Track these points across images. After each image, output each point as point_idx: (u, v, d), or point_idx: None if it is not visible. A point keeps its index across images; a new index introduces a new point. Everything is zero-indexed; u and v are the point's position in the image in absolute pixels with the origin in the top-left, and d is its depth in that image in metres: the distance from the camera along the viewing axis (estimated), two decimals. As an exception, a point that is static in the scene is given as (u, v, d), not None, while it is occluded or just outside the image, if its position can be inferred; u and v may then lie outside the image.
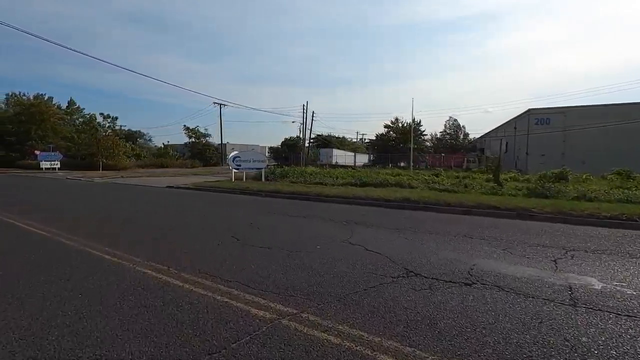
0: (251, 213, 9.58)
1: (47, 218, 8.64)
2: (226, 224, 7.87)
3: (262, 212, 9.84)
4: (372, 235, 6.70)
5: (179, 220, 8.34)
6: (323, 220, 8.41)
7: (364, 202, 11.56)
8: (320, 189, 14.66)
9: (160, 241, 6.18)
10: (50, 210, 10.28)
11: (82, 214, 9.70)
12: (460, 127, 70.92)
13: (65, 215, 9.36)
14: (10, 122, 44.08)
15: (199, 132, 54.43)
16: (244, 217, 8.78)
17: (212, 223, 7.93)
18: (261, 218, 8.67)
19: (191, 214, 9.58)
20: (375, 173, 25.67)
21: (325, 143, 59.44)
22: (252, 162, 20.11)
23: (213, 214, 9.44)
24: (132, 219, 8.79)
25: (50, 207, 11.02)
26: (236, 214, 9.53)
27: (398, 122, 51.63)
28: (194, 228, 7.33)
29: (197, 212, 10.01)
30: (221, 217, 8.84)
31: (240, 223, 7.89)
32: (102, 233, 6.93)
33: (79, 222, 8.25)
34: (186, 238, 6.38)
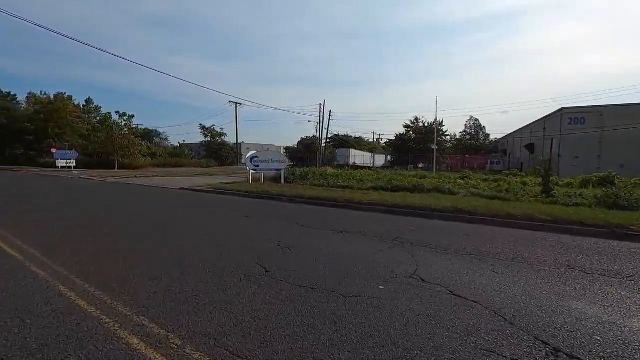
0: (276, 226, 7.91)
1: (25, 233, 7.17)
2: (248, 242, 6.21)
3: (288, 224, 8.16)
4: (445, 266, 4.92)
5: (190, 238, 6.74)
6: (367, 238, 6.67)
7: (406, 212, 9.76)
8: (350, 194, 12.91)
9: (162, 280, 4.56)
10: (38, 221, 8.86)
11: (74, 230, 8.22)
12: (481, 128, 68.03)
13: (49, 234, 7.90)
14: (29, 120, 43.89)
15: (214, 132, 53.41)
16: (268, 233, 7.11)
17: (230, 242, 6.27)
18: (289, 234, 6.98)
19: (205, 226, 7.98)
20: (401, 175, 23.80)
21: (341, 143, 57.61)
22: (270, 163, 18.51)
23: (231, 227, 7.81)
24: (131, 234, 7.25)
25: (38, 217, 9.63)
26: (258, 227, 7.88)
27: (418, 121, 49.31)
28: (209, 250, 5.70)
29: (213, 223, 8.41)
30: (241, 231, 7.19)
31: (264, 242, 6.22)
32: (87, 259, 5.37)
33: (62, 243, 6.73)
34: (199, 268, 4.74)
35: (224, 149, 53.41)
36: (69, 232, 6.95)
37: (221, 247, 5.80)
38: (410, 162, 44.80)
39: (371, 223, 8.28)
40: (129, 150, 38.50)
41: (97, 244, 6.01)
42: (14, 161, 42.35)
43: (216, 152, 52.67)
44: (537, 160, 37.34)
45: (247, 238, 6.51)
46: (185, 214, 9.52)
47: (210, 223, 8.16)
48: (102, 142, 38.89)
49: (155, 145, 51.64)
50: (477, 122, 67.82)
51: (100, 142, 39.01)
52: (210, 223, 8.16)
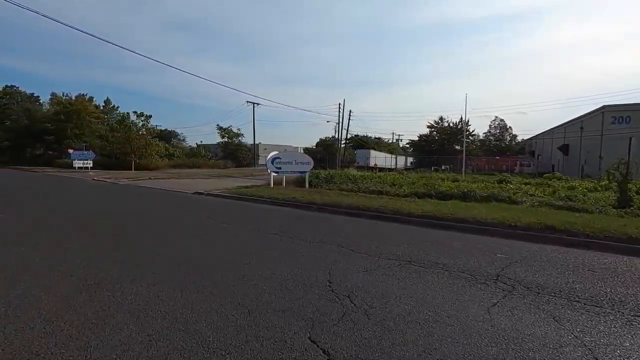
0: (319, 253, 5.85)
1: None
2: (287, 286, 4.15)
3: (332, 247, 6.11)
4: (614, 342, 2.78)
5: (202, 270, 4.78)
6: (453, 277, 4.55)
7: (476, 229, 7.57)
8: (391, 202, 10.77)
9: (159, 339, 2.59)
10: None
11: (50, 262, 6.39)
12: (506, 128, 64.42)
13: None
14: (49, 121, 43.41)
15: (231, 132, 51.98)
16: (311, 264, 5.08)
17: (262, 289, 4.24)
18: (342, 269, 4.92)
19: (221, 249, 6.01)
20: (433, 179, 21.49)
21: (361, 144, 55.33)
22: (294, 164, 16.54)
23: (257, 251, 5.81)
24: (125, 260, 5.35)
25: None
26: (294, 251, 5.85)
27: (443, 121, 46.52)
28: (229, 307, 3.70)
29: (232, 245, 6.43)
30: (271, 265, 5.16)
31: (309, 285, 4.18)
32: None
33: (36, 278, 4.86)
34: (215, 338, 2.74)
35: (241, 150, 51.93)
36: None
37: (247, 300, 3.74)
38: (434, 163, 42.12)
39: (439, 247, 6.15)
40: (145, 150, 37.34)
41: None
42: (34, 161, 41.94)
43: (233, 153, 51.22)
44: (620, 162, 34.03)
45: (284, 278, 4.45)
46: (201, 230, 7.60)
47: (232, 244, 6.18)
48: (119, 142, 37.90)
49: (172, 146, 50.64)
50: (502, 122, 64.26)
51: (118, 142, 38.03)
52: (232, 244, 6.18)
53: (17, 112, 45.88)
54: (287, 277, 4.42)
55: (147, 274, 4.43)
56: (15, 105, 49.63)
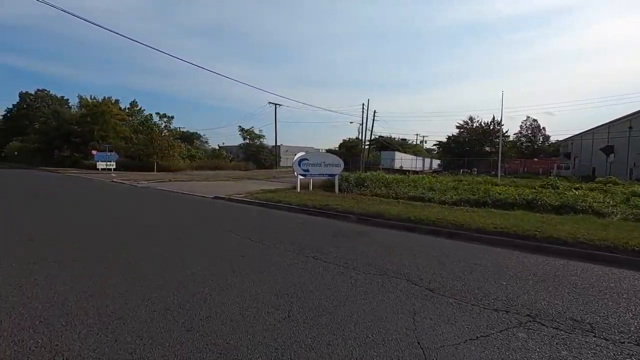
0: (383, 290, 4.08)
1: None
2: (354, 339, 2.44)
3: (400, 282, 4.33)
4: None
5: (224, 318, 3.12)
6: (616, 348, 2.68)
7: (584, 254, 5.59)
8: (447, 213, 8.85)
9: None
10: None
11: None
12: (539, 129, 60.48)
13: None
14: (76, 123, 43.71)
15: (253, 133, 50.95)
16: (386, 315, 3.33)
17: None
18: (431, 327, 3.15)
19: (261, 289, 4.35)
20: (472, 183, 19.32)
21: (384, 145, 53.10)
22: (323, 167, 14.85)
23: (306, 294, 4.13)
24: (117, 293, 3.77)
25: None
26: (354, 290, 4.12)
27: (473, 121, 43.64)
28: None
29: (272, 283, 4.76)
30: (345, 317, 3.49)
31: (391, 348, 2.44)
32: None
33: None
34: None
35: (262, 151, 50.79)
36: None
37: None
38: (465, 166, 39.41)
39: (558, 286, 4.25)
40: (168, 152, 36.71)
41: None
42: (61, 163, 42.23)
43: (255, 154, 50.14)
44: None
45: (351, 345, 2.73)
46: (221, 251, 5.99)
47: (260, 273, 4.51)
48: (143, 144, 37.47)
49: (195, 148, 50.15)
50: (535, 122, 60.34)
51: (141, 144, 37.62)
52: (260, 273, 4.51)
53: (46, 114, 46.53)
54: (351, 320, 2.67)
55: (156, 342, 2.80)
56: (45, 108, 50.56)
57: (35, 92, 56.14)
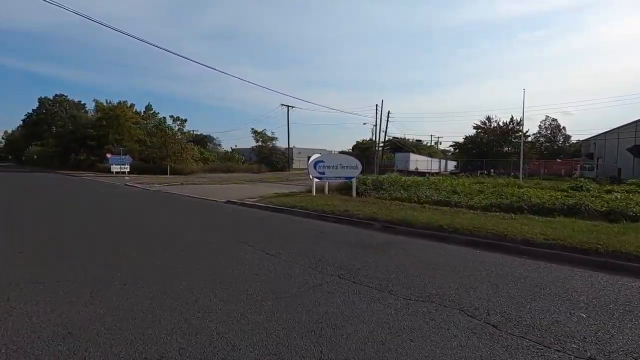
0: (443, 332, 3.25)
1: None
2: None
3: (462, 319, 3.47)
4: None
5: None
6: None
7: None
8: (482, 220, 7.91)
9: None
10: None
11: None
12: (559, 129, 58.20)
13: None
14: (92, 126, 44.08)
15: (265, 136, 50.50)
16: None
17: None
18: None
19: (265, 314, 3.58)
20: (501, 185, 18.19)
21: (398, 147, 51.90)
22: (339, 169, 14.02)
23: (322, 316, 3.35)
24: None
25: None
26: (382, 323, 3.30)
27: (491, 121, 42.07)
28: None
29: (279, 302, 3.98)
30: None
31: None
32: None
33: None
34: None
35: (275, 153, 50.25)
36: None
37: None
38: (484, 167, 37.93)
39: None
40: (181, 154, 36.51)
41: None
42: (78, 166, 42.59)
43: (267, 157, 49.65)
44: None
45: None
46: (225, 278, 5.25)
47: (276, 302, 3.73)
48: (156, 147, 37.40)
49: (208, 151, 50.03)
50: (555, 122, 58.08)
51: (155, 147, 37.56)
52: (276, 302, 3.73)
53: (63, 119, 47.12)
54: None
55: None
56: (62, 112, 51.30)
57: (53, 97, 57.17)
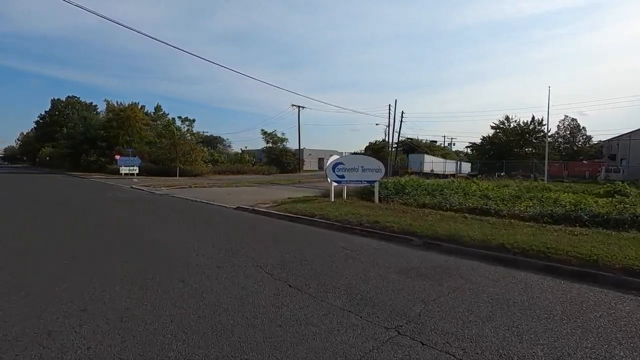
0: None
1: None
2: None
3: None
4: None
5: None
6: None
7: None
8: (552, 236, 6.42)
9: None
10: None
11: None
12: (579, 129, 55.63)
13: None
14: (103, 127, 43.54)
15: (276, 137, 49.32)
16: None
17: None
18: None
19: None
20: (536, 189, 16.58)
21: (412, 148, 50.20)
22: (360, 172, 12.60)
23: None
24: None
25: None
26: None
27: (510, 121, 40.06)
28: None
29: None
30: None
31: None
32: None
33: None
34: None
35: (285, 155, 49.03)
36: None
37: None
38: (504, 169, 36.01)
39: None
40: (190, 156, 35.53)
41: None
42: (88, 167, 42.05)
43: (278, 158, 48.46)
44: None
45: None
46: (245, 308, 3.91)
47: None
48: (165, 148, 36.52)
49: (218, 152, 49.10)
50: (575, 122, 55.52)
51: (164, 148, 36.68)
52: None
53: (74, 120, 46.74)
54: None
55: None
56: (74, 114, 50.99)
57: (65, 99, 57.03)
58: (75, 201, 13.97)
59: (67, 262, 5.17)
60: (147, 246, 6.36)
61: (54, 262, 5.19)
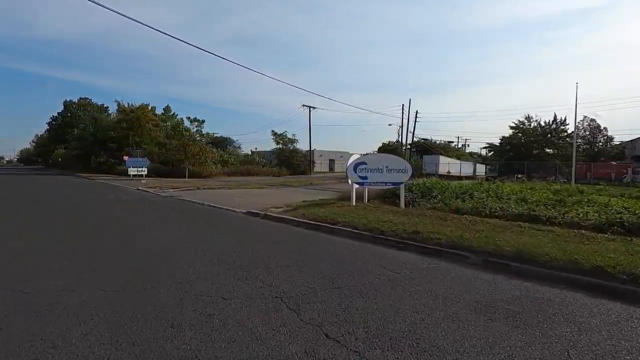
0: None
1: None
2: None
3: None
4: None
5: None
6: None
7: None
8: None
9: None
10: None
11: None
12: (599, 129, 53.16)
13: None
14: (113, 128, 42.92)
15: (286, 138, 48.10)
16: None
17: None
18: None
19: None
20: (575, 192, 14.98)
21: (425, 149, 48.45)
22: (385, 173, 11.18)
23: None
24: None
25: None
26: None
27: (530, 121, 38.05)
28: None
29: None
30: None
31: None
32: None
33: None
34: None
35: (296, 156, 47.73)
36: None
37: None
38: (525, 170, 34.08)
39: None
40: (200, 157, 34.54)
41: None
42: (98, 169, 41.49)
43: (288, 159, 47.20)
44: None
45: None
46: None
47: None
48: (175, 149, 35.61)
49: (228, 153, 48.10)
50: (594, 122, 53.07)
51: (173, 149, 35.78)
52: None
53: (85, 121, 46.32)
54: None
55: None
56: (86, 115, 50.63)
57: (77, 101, 56.89)
58: (73, 203, 12.87)
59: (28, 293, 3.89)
60: (136, 263, 5.07)
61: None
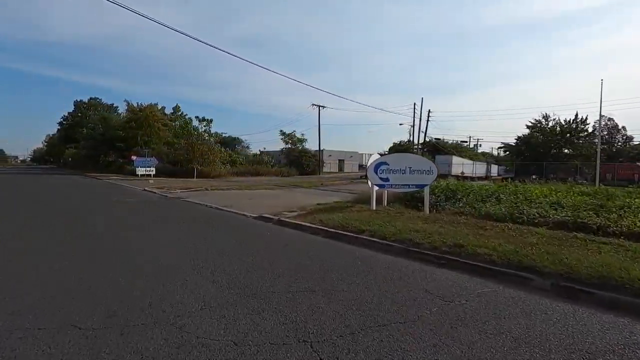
0: None
1: None
2: None
3: None
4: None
5: None
6: None
7: None
8: None
9: None
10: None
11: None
12: (618, 129, 51.19)
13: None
14: (122, 128, 42.61)
15: (295, 137, 47.25)
16: None
17: None
18: None
19: None
20: (605, 196, 13.72)
21: (437, 149, 47.13)
22: (408, 174, 10.18)
23: None
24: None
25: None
26: None
27: (548, 120, 36.52)
28: None
29: None
30: None
31: None
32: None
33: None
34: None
35: (305, 156, 46.82)
36: None
37: None
38: (543, 171, 32.61)
39: None
40: (208, 157, 33.87)
41: None
42: (106, 168, 41.18)
43: (297, 159, 46.33)
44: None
45: None
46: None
47: None
48: (183, 149, 35.03)
49: (236, 153, 47.44)
50: (612, 122, 51.11)
51: (182, 149, 35.19)
52: None
53: (94, 121, 46.13)
54: None
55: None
56: (95, 115, 50.52)
57: (88, 101, 56.93)
58: (71, 205, 12.14)
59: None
60: (128, 289, 4.17)
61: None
